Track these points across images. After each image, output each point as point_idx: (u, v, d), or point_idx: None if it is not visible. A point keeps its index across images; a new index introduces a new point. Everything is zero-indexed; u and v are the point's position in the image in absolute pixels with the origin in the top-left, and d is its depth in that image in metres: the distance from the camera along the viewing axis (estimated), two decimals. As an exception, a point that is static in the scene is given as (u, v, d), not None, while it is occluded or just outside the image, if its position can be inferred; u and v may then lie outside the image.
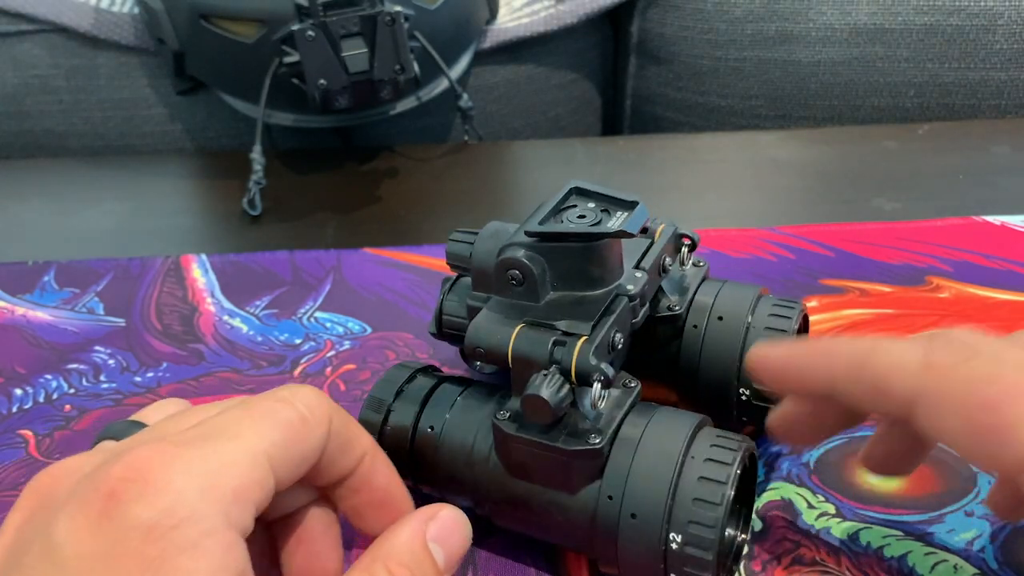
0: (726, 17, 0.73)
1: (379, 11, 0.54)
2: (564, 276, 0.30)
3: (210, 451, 0.24)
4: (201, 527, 0.22)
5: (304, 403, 0.27)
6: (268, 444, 0.25)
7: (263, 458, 0.25)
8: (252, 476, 0.24)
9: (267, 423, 0.26)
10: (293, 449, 0.26)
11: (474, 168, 0.63)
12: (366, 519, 0.29)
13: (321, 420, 0.27)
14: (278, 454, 0.25)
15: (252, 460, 0.24)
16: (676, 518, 0.27)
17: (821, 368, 0.28)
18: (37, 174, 0.66)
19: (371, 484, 0.29)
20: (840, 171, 0.59)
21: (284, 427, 0.26)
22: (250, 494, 0.24)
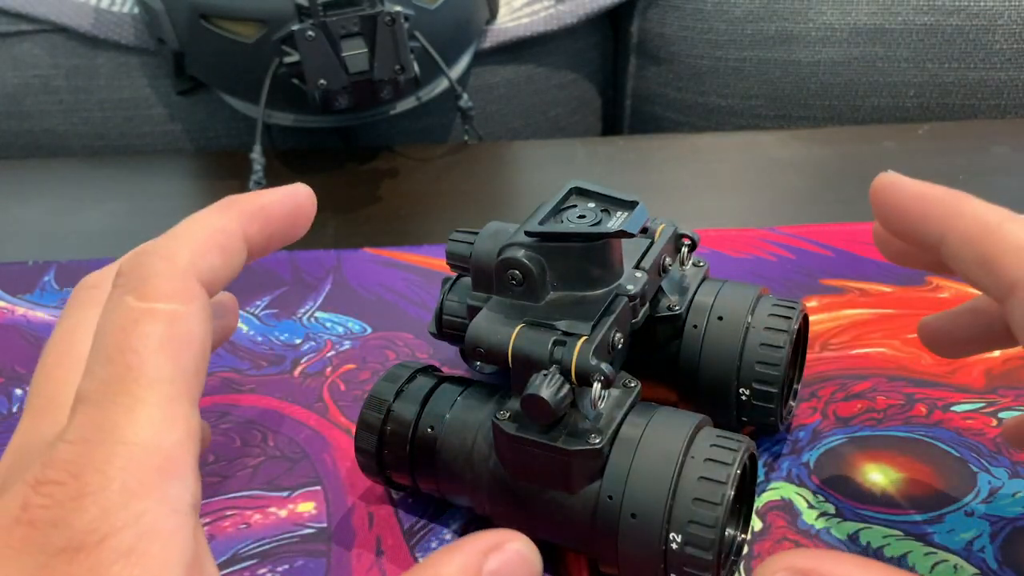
0: (726, 17, 0.73)
1: (379, 11, 0.54)
2: (564, 276, 0.30)
3: (119, 433, 0.21)
4: (133, 530, 0.21)
5: (164, 293, 0.23)
6: (177, 382, 0.23)
7: (182, 402, 0.23)
8: (176, 435, 0.22)
9: (163, 353, 0.23)
10: (201, 360, 0.24)
11: (474, 168, 0.63)
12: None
13: (195, 300, 0.24)
14: (191, 379, 0.23)
15: (169, 415, 0.22)
16: (676, 518, 0.28)
17: (944, 215, 0.27)
18: (37, 174, 0.66)
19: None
20: (840, 171, 0.59)
21: (180, 342, 0.23)
22: (182, 458, 0.22)
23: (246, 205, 0.27)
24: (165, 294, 0.23)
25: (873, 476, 0.35)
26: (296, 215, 0.28)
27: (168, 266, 0.24)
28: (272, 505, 0.36)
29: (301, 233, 0.29)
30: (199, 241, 0.25)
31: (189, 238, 0.25)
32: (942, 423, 0.38)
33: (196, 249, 0.25)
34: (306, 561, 0.33)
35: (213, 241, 0.25)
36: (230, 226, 0.26)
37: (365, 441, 0.33)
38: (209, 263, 0.25)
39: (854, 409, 0.39)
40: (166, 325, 0.23)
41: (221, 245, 0.25)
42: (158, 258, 0.24)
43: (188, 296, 0.23)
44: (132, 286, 0.23)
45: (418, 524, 0.34)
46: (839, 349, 0.42)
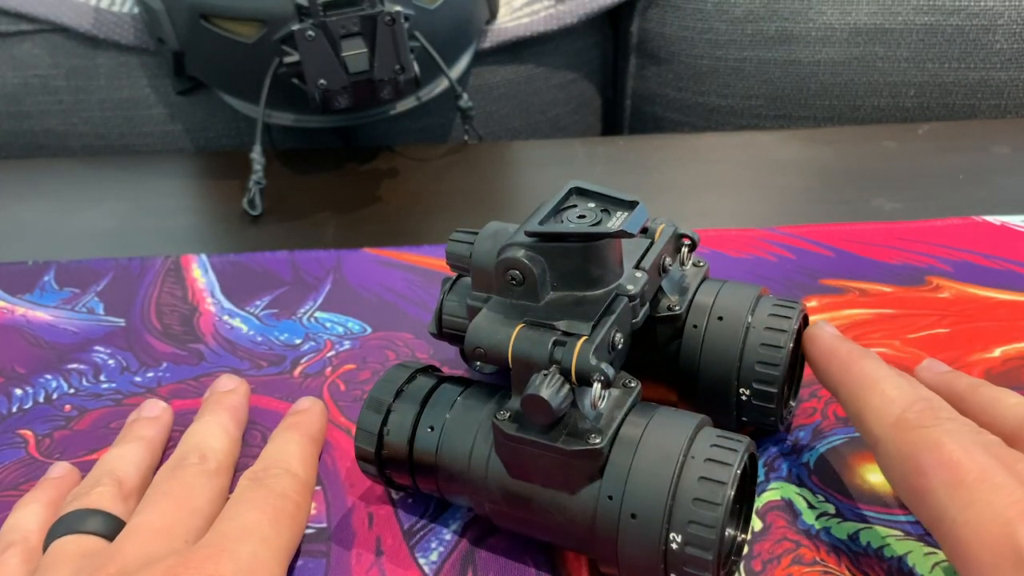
0: (726, 17, 0.73)
1: (379, 11, 0.54)
2: (564, 276, 0.30)
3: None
4: None
5: (293, 490, 0.33)
6: (287, 545, 0.31)
7: (285, 557, 0.31)
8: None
9: (283, 523, 0.31)
10: (296, 541, 0.32)
11: (474, 168, 0.63)
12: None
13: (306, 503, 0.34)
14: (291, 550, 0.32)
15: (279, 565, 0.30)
16: (676, 518, 0.27)
17: (836, 373, 0.33)
18: (37, 174, 0.66)
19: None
20: (840, 171, 0.59)
21: (293, 523, 0.32)
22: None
23: (314, 430, 0.38)
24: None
25: (873, 476, 0.35)
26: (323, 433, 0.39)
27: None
28: (272, 505, 0.36)
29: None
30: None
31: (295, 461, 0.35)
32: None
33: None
34: (306, 561, 0.33)
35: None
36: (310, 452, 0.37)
37: (365, 441, 0.33)
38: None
39: (854, 409, 0.38)
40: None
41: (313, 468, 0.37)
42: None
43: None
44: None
45: (418, 524, 0.34)
46: (839, 349, 0.42)
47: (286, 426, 0.37)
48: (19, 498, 0.36)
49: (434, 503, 0.35)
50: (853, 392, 0.32)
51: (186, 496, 0.32)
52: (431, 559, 0.33)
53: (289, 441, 0.36)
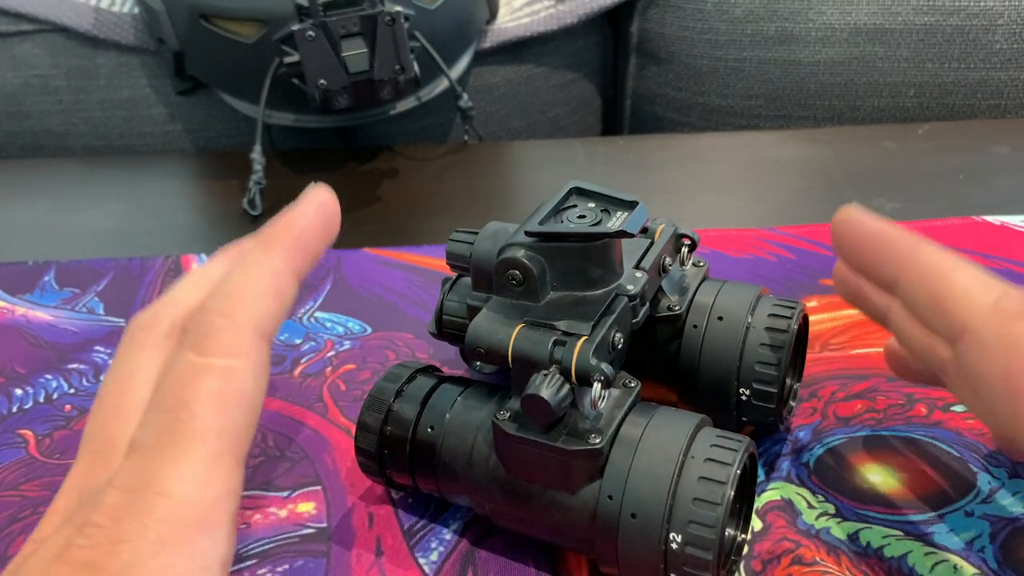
0: (726, 17, 0.73)
1: (379, 11, 0.54)
2: (564, 276, 0.30)
3: (162, 484, 0.23)
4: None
5: (221, 349, 0.24)
6: (224, 438, 0.23)
7: (225, 459, 0.23)
8: (216, 491, 0.23)
9: (214, 408, 0.24)
10: (250, 416, 0.24)
11: (474, 168, 0.63)
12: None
13: (251, 355, 0.25)
14: (240, 435, 0.24)
15: (212, 471, 0.23)
16: (676, 518, 0.27)
17: (901, 255, 0.28)
18: (37, 174, 0.66)
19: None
20: (840, 171, 0.59)
21: (232, 398, 0.24)
22: (219, 515, 0.23)
23: (287, 238, 0.27)
24: (222, 350, 0.24)
25: (873, 476, 0.35)
26: (329, 227, 0.28)
27: (227, 322, 0.25)
28: (272, 505, 0.36)
29: (334, 238, 0.29)
30: (254, 293, 0.25)
31: (245, 292, 0.25)
32: (942, 423, 0.38)
33: (252, 301, 0.25)
34: (306, 561, 0.33)
35: (267, 289, 0.26)
36: (280, 266, 0.26)
37: (365, 441, 0.33)
38: (266, 311, 0.25)
39: (854, 409, 0.39)
40: (220, 380, 0.24)
41: (275, 289, 0.26)
42: (218, 315, 0.25)
43: (244, 351, 0.24)
44: (193, 341, 0.24)
45: (418, 524, 0.34)
46: (839, 349, 0.42)
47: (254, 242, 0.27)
48: (19, 498, 0.36)
49: (434, 503, 0.35)
50: (926, 276, 0.27)
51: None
52: (431, 559, 0.33)
53: (241, 270, 0.26)
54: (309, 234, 0.27)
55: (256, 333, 0.25)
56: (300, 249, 0.27)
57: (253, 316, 0.25)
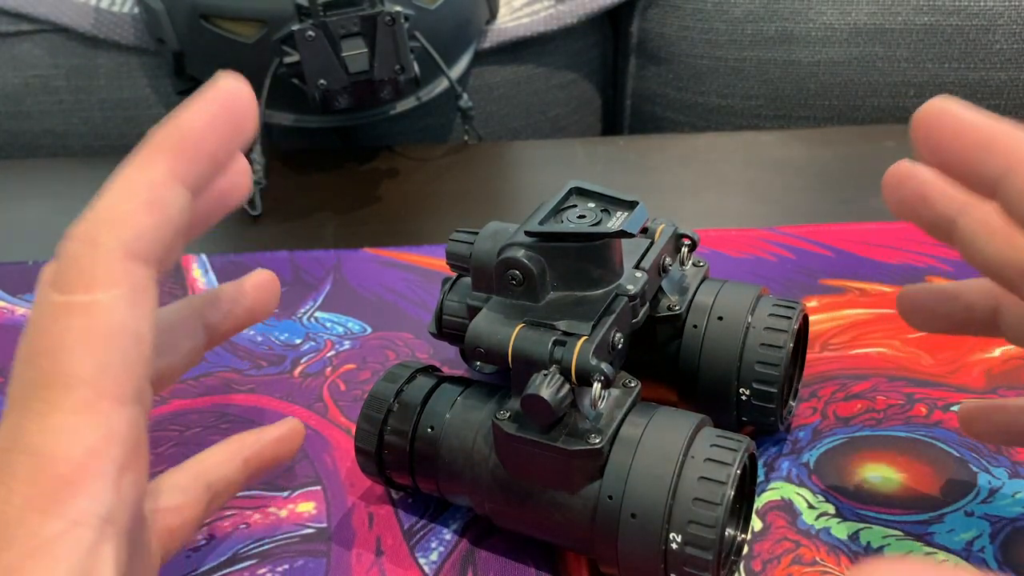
0: (726, 17, 0.73)
1: (379, 11, 0.54)
2: (564, 276, 0.30)
3: (27, 441, 0.20)
4: (23, 547, 0.19)
5: (82, 283, 0.21)
6: (99, 381, 0.21)
7: (101, 404, 0.21)
8: (89, 441, 0.20)
9: (82, 350, 0.21)
10: (133, 350, 0.21)
11: (474, 168, 0.63)
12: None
13: (120, 284, 0.21)
14: (119, 374, 0.21)
15: (84, 420, 0.20)
16: (676, 518, 0.27)
17: (1015, 147, 0.24)
18: (37, 174, 0.66)
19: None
20: (840, 171, 0.59)
21: (102, 335, 0.21)
22: (95, 467, 0.20)
23: (167, 143, 0.23)
24: (84, 284, 0.21)
25: (873, 476, 0.35)
26: (233, 120, 0.24)
27: (87, 250, 0.21)
28: (272, 505, 0.36)
29: (251, 132, 0.24)
30: (120, 208, 0.22)
31: (109, 208, 0.22)
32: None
33: (119, 221, 0.22)
34: (306, 561, 0.33)
35: (137, 202, 0.22)
36: (157, 176, 0.22)
37: (365, 441, 0.33)
38: (138, 231, 0.22)
39: (854, 409, 0.39)
40: (83, 318, 0.21)
41: (151, 203, 0.22)
42: (78, 242, 0.22)
43: (111, 281, 0.21)
44: (54, 277, 0.21)
45: (418, 524, 0.34)
46: (839, 349, 0.42)
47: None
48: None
49: (434, 503, 0.35)
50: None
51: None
52: (431, 559, 0.33)
53: (109, 187, 0.23)
54: (199, 132, 0.23)
55: (127, 257, 0.21)
56: (188, 152, 0.23)
57: (120, 238, 0.21)
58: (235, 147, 0.24)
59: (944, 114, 0.25)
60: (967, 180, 0.25)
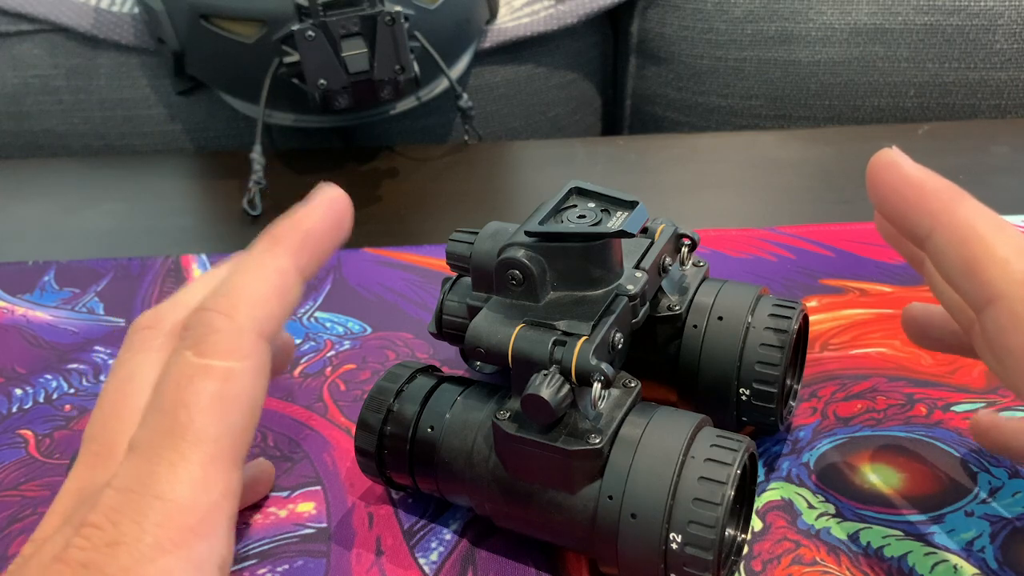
0: (726, 17, 0.73)
1: (379, 11, 0.54)
2: (564, 276, 0.30)
3: (160, 488, 0.22)
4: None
5: (221, 351, 0.24)
6: (222, 441, 0.23)
7: (224, 462, 0.23)
8: (213, 496, 0.23)
9: (213, 410, 0.23)
10: (250, 418, 0.24)
11: (474, 168, 0.63)
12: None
13: (251, 357, 0.24)
14: (238, 438, 0.24)
15: (210, 475, 0.23)
16: (676, 518, 0.27)
17: (938, 210, 0.26)
18: (37, 174, 0.66)
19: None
20: (840, 171, 0.59)
21: (231, 400, 0.24)
22: (216, 519, 0.23)
23: (292, 238, 0.26)
24: (222, 352, 0.24)
25: (873, 476, 0.35)
26: (339, 225, 0.28)
27: (227, 323, 0.24)
28: (272, 505, 0.36)
29: (346, 237, 0.28)
30: (257, 293, 0.25)
31: (247, 291, 0.25)
32: (942, 423, 0.38)
33: (255, 302, 0.25)
34: (306, 561, 0.33)
35: (271, 288, 0.25)
36: (283, 265, 0.26)
37: (365, 441, 0.33)
38: (268, 312, 0.25)
39: (854, 409, 0.39)
40: (219, 382, 0.23)
41: (278, 289, 0.25)
42: (218, 315, 0.24)
43: (244, 353, 0.24)
44: (192, 342, 0.24)
45: (418, 524, 0.34)
46: (839, 349, 0.42)
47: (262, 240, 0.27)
48: (19, 498, 0.36)
49: (434, 503, 0.35)
50: (962, 237, 0.25)
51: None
52: (431, 559, 0.33)
53: (246, 270, 0.26)
54: (317, 233, 0.27)
55: (257, 334, 0.24)
56: (307, 248, 0.26)
57: (255, 317, 0.25)
58: (336, 246, 0.28)
59: (888, 167, 0.27)
60: (906, 234, 0.27)
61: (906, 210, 0.27)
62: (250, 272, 0.25)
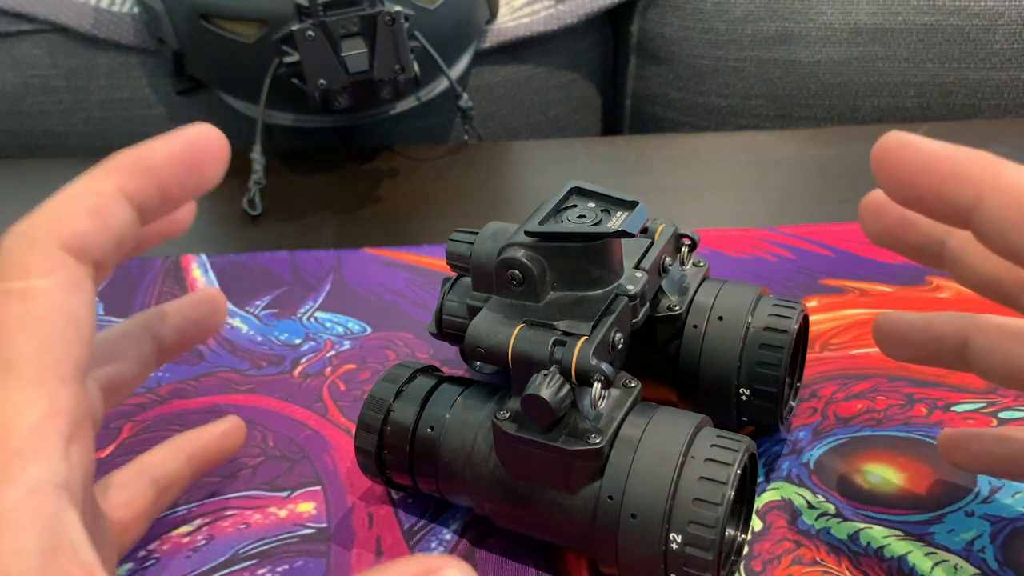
0: (726, 17, 0.73)
1: (379, 11, 0.54)
2: (564, 276, 0.30)
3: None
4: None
5: (18, 271, 0.23)
6: (39, 360, 0.22)
7: (45, 380, 0.22)
8: (36, 414, 0.21)
9: (20, 332, 0.22)
10: (71, 332, 0.23)
11: (474, 168, 0.63)
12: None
13: (57, 271, 0.23)
14: (59, 354, 0.22)
15: (28, 396, 0.21)
16: (676, 518, 0.27)
17: (984, 175, 0.24)
18: (37, 174, 0.66)
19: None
20: (840, 171, 0.59)
21: (40, 318, 0.22)
22: (44, 438, 0.21)
23: (122, 163, 0.25)
24: (19, 272, 0.22)
25: (873, 476, 0.35)
26: (193, 160, 0.26)
27: (24, 241, 0.23)
28: (272, 505, 0.36)
29: (213, 178, 0.26)
30: (63, 209, 0.24)
31: (52, 208, 0.24)
32: (942, 423, 0.38)
33: (57, 218, 0.23)
34: (306, 561, 0.33)
35: (80, 206, 0.24)
36: (104, 187, 0.24)
37: (365, 441, 0.33)
38: (76, 229, 0.23)
39: (854, 409, 0.39)
40: (20, 302, 0.22)
41: (92, 208, 0.24)
42: (15, 235, 0.23)
43: (45, 269, 0.23)
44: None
45: (418, 524, 0.34)
46: (839, 349, 0.42)
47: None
48: None
49: (434, 503, 0.35)
50: (1018, 198, 0.23)
51: None
52: (431, 559, 0.33)
53: (60, 192, 0.25)
54: (156, 161, 0.25)
55: (61, 249, 0.23)
56: (138, 174, 0.25)
57: (55, 232, 0.23)
58: (191, 187, 0.26)
59: (905, 148, 0.25)
60: (938, 213, 0.25)
61: (941, 185, 0.24)
62: (62, 194, 0.24)
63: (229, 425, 0.35)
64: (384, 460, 0.33)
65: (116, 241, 0.24)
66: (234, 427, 0.36)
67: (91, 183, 0.24)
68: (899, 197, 0.26)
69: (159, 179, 0.25)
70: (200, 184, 0.26)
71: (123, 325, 0.32)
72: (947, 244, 0.28)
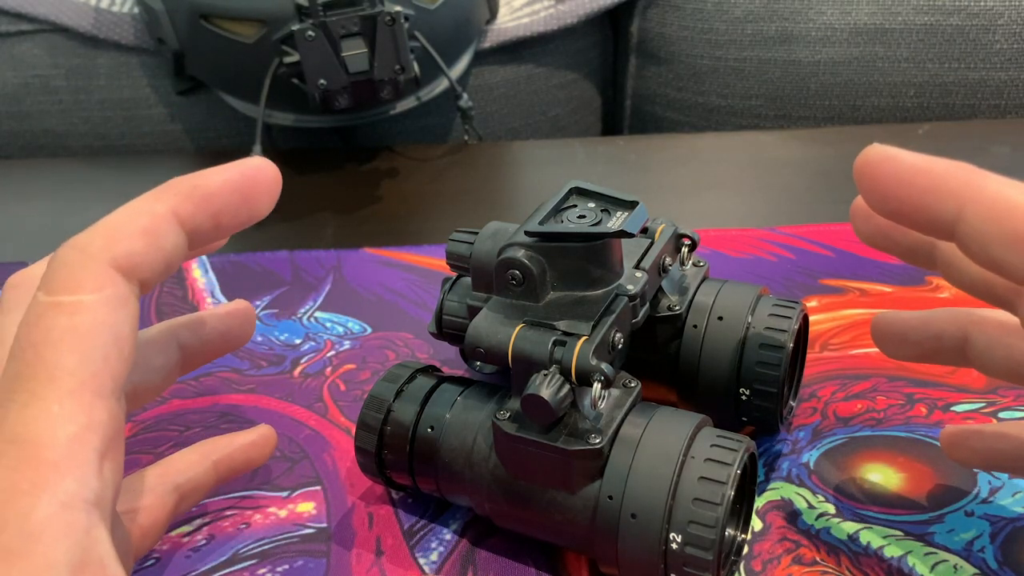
0: (726, 17, 0.73)
1: (379, 11, 0.54)
2: (564, 276, 0.30)
3: (10, 430, 0.21)
4: (17, 529, 0.20)
5: (69, 285, 0.23)
6: (79, 374, 0.22)
7: (83, 395, 0.22)
8: (73, 428, 0.21)
9: (64, 345, 0.22)
10: (112, 348, 0.23)
11: (474, 168, 0.63)
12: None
13: (105, 288, 0.23)
14: (100, 369, 0.22)
15: (66, 410, 0.21)
16: (676, 518, 0.27)
17: (965, 188, 0.24)
18: (37, 174, 0.66)
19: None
20: (840, 171, 0.59)
21: (84, 332, 0.22)
22: (80, 453, 0.21)
23: (178, 188, 0.25)
24: (70, 286, 0.23)
25: (873, 476, 0.35)
26: (247, 191, 0.26)
27: (77, 256, 0.23)
28: (272, 505, 0.36)
29: (263, 210, 0.27)
30: (118, 227, 0.24)
31: (107, 225, 0.24)
32: (942, 423, 0.37)
33: (112, 235, 0.24)
34: (306, 561, 0.33)
35: (134, 225, 0.24)
36: (158, 209, 0.24)
37: (365, 441, 0.33)
38: (128, 248, 0.24)
39: (854, 409, 0.39)
40: (69, 316, 0.22)
41: (144, 228, 0.24)
42: (70, 248, 0.23)
43: (95, 285, 0.23)
44: (44, 282, 0.23)
45: (418, 524, 0.34)
46: (839, 349, 0.42)
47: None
48: None
49: (434, 503, 0.35)
50: (1003, 209, 0.24)
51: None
52: (431, 559, 0.33)
53: (116, 211, 0.25)
54: (211, 189, 0.25)
55: (111, 266, 0.23)
56: (193, 200, 0.25)
57: (108, 249, 0.23)
58: (242, 217, 0.26)
59: (887, 161, 0.25)
60: (921, 226, 0.25)
61: (922, 198, 0.25)
62: (118, 213, 0.24)
63: (259, 435, 0.35)
64: (384, 460, 0.33)
65: (165, 262, 0.25)
66: (264, 436, 0.35)
67: (147, 204, 0.25)
68: (882, 210, 0.26)
69: (213, 206, 0.25)
70: (251, 215, 0.27)
71: (150, 332, 0.32)
72: (938, 246, 0.28)
